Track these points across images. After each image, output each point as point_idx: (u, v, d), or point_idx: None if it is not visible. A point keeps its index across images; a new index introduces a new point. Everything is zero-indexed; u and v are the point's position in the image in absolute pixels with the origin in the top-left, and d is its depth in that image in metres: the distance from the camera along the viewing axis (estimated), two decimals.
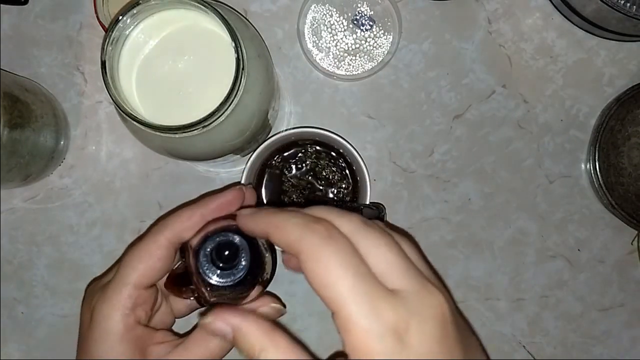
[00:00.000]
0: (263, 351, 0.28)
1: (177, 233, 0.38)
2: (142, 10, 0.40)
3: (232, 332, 0.29)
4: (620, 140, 0.53)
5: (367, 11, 0.55)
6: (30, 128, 0.49)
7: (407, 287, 0.27)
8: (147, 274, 0.38)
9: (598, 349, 0.57)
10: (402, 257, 0.28)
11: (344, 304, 0.26)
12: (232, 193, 0.39)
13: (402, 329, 0.26)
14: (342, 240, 0.28)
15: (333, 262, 0.26)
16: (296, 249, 0.28)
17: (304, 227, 0.28)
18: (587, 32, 0.55)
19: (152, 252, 0.38)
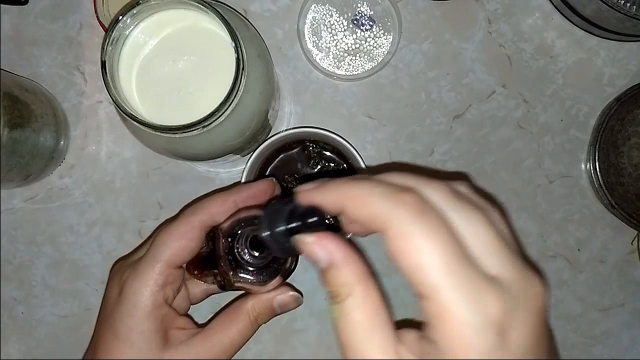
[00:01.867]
0: (350, 297, 0.25)
1: (210, 216, 0.39)
2: (142, 10, 0.40)
3: (327, 263, 0.26)
4: (620, 140, 0.53)
5: (367, 11, 0.55)
6: (30, 128, 0.49)
7: (508, 274, 0.24)
8: (179, 253, 0.38)
9: (598, 349, 0.57)
10: (499, 238, 0.25)
11: (440, 290, 0.23)
12: (265, 183, 0.41)
13: (504, 323, 0.23)
14: (436, 216, 0.24)
15: (427, 242, 0.23)
16: (381, 225, 0.24)
17: (390, 198, 0.24)
18: (587, 32, 0.55)
19: (185, 232, 0.39)
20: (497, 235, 0.25)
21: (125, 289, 0.38)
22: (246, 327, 0.40)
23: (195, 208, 0.40)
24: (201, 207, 0.40)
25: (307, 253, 0.27)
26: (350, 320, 0.25)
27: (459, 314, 0.23)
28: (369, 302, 0.25)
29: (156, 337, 0.38)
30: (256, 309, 0.40)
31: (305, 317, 0.56)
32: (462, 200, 0.25)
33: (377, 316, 0.25)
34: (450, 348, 0.23)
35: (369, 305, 0.25)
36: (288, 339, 0.56)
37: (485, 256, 0.24)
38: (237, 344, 0.40)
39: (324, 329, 0.56)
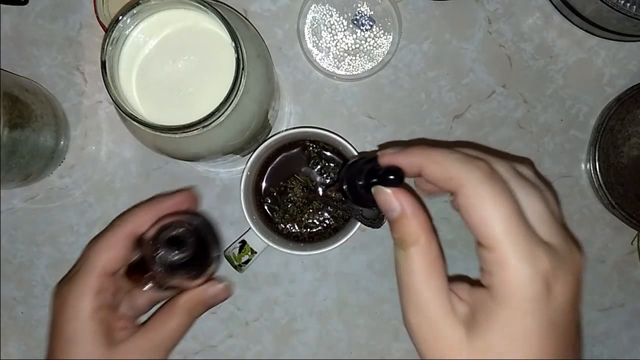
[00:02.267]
0: (415, 245, 0.29)
1: (136, 226, 0.44)
2: (142, 10, 0.40)
3: (399, 213, 0.30)
4: (620, 140, 0.53)
5: (367, 11, 0.55)
6: (30, 128, 0.49)
7: (556, 241, 0.29)
8: (110, 262, 0.43)
9: (598, 349, 0.57)
10: (550, 213, 0.29)
11: (502, 243, 0.27)
12: (183, 195, 0.47)
13: (551, 277, 0.27)
14: (503, 183, 0.29)
15: (495, 201, 0.28)
16: (457, 183, 0.29)
17: (466, 162, 0.29)
18: (587, 32, 0.55)
19: (114, 242, 0.43)
20: (549, 211, 0.29)
21: (66, 298, 0.42)
22: (182, 320, 0.44)
23: (121, 219, 0.45)
24: (126, 219, 0.44)
25: (383, 202, 0.31)
26: (412, 265, 0.29)
27: (516, 264, 0.27)
28: (430, 251, 0.29)
29: (100, 337, 0.41)
30: (189, 302, 0.44)
31: (305, 317, 0.56)
32: (523, 177, 0.30)
33: (435, 265, 0.29)
34: (504, 292, 0.27)
35: (430, 255, 0.29)
36: (288, 339, 0.56)
37: (539, 225, 0.29)
38: (175, 337, 0.44)
39: (324, 329, 0.56)
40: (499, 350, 0.28)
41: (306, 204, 0.52)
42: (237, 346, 0.56)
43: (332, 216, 0.52)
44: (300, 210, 0.52)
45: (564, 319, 0.28)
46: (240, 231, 0.53)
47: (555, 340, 0.28)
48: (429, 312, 0.29)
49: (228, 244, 0.52)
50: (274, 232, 0.52)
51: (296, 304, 0.56)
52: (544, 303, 0.27)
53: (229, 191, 0.56)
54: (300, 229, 0.52)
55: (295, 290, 0.56)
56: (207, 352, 0.56)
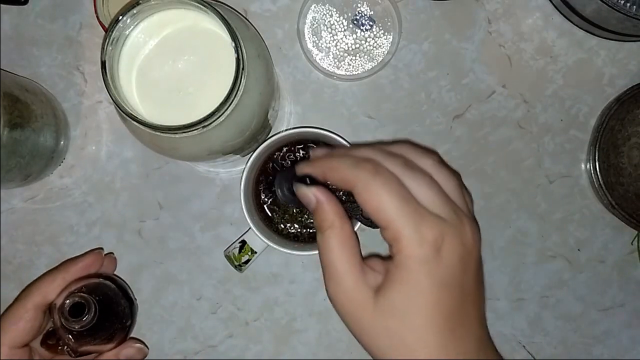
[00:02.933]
0: (330, 228, 0.34)
1: (43, 296, 0.45)
2: (142, 10, 0.40)
3: (315, 202, 0.35)
4: (620, 140, 0.53)
5: (367, 11, 0.55)
6: (30, 128, 0.49)
7: (445, 214, 0.33)
8: (18, 335, 0.44)
9: (598, 349, 0.57)
10: (440, 194, 0.34)
11: (393, 220, 0.32)
12: (91, 257, 0.49)
13: (438, 242, 0.32)
14: (388, 173, 0.33)
15: (381, 191, 0.32)
16: (351, 184, 0.34)
17: (355, 166, 0.34)
18: (587, 32, 0.55)
19: (21, 315, 0.44)
20: (438, 191, 0.34)
21: None
22: None
23: (27, 290, 0.46)
24: (32, 289, 0.45)
25: (302, 196, 0.36)
26: (329, 244, 0.34)
27: (407, 234, 0.32)
28: (343, 232, 0.34)
29: None
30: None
31: (305, 317, 0.56)
32: (412, 167, 0.35)
33: (348, 243, 0.34)
34: (402, 258, 0.32)
35: (343, 235, 0.34)
36: (288, 339, 0.56)
37: (429, 202, 0.33)
38: None
39: (324, 329, 0.56)
40: (398, 305, 0.32)
41: None
42: (237, 346, 0.56)
43: None
44: (300, 210, 0.52)
45: (454, 276, 0.33)
46: (240, 231, 0.53)
47: (448, 295, 0.32)
48: (343, 282, 0.34)
49: (228, 244, 0.52)
50: (274, 232, 0.52)
51: (296, 304, 0.56)
52: (433, 264, 0.32)
53: (229, 191, 0.56)
54: (300, 229, 0.52)
55: (295, 290, 0.56)
56: (207, 352, 0.56)
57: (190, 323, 0.56)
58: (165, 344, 0.56)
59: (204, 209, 0.56)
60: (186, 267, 0.56)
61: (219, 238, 0.56)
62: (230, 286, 0.56)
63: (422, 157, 0.36)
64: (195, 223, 0.56)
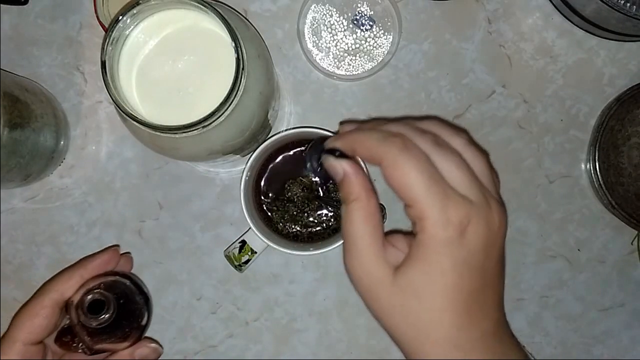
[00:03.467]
0: (355, 201, 0.34)
1: (60, 293, 0.45)
2: (142, 10, 0.40)
3: (342, 175, 0.35)
4: (620, 140, 0.53)
5: (367, 11, 0.55)
6: (30, 128, 0.49)
7: (473, 196, 0.33)
8: (34, 332, 0.44)
9: (598, 349, 0.57)
10: (469, 174, 0.33)
11: (419, 199, 0.32)
12: (108, 254, 0.48)
13: (463, 224, 0.32)
14: (417, 150, 0.33)
15: (409, 167, 0.32)
16: (378, 159, 0.33)
17: (383, 140, 0.33)
18: (587, 32, 0.55)
19: (37, 312, 0.44)
20: (467, 171, 0.33)
21: None
22: None
23: (44, 288, 0.45)
24: (50, 286, 0.45)
25: (330, 167, 0.36)
26: (353, 216, 0.34)
27: (432, 214, 0.31)
28: (368, 206, 0.34)
29: None
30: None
31: (305, 317, 0.56)
32: (441, 146, 0.34)
33: (372, 217, 0.34)
34: (424, 237, 0.32)
35: (368, 209, 0.34)
36: (288, 339, 0.56)
37: (457, 183, 0.33)
38: None
39: (324, 329, 0.56)
40: (417, 284, 0.32)
41: (306, 204, 0.52)
42: (237, 346, 0.56)
43: (332, 216, 0.52)
44: (300, 210, 0.52)
45: (477, 260, 0.32)
46: (240, 231, 0.53)
47: (468, 277, 0.32)
48: (363, 256, 0.34)
49: (228, 244, 0.52)
50: (274, 232, 0.52)
51: (296, 304, 0.56)
52: (456, 245, 0.32)
53: (229, 191, 0.56)
54: (300, 228, 0.52)
55: (295, 290, 0.56)
56: (207, 352, 0.56)
57: (190, 323, 0.56)
58: (165, 344, 0.56)
59: (204, 209, 0.56)
60: (186, 267, 0.56)
61: (219, 238, 0.56)
62: (230, 286, 0.56)
63: (452, 135, 0.35)
64: (195, 223, 0.56)
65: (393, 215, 0.55)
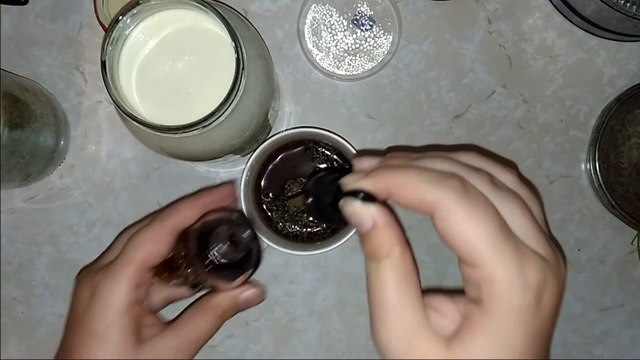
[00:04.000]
0: (388, 257, 0.28)
1: (181, 220, 0.42)
2: (142, 10, 0.40)
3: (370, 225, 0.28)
4: (620, 140, 0.53)
5: (367, 11, 0.55)
6: (30, 128, 0.49)
7: (543, 251, 0.28)
8: (152, 255, 0.41)
9: (598, 349, 0.57)
10: (534, 223, 0.29)
11: (489, 260, 0.26)
12: (227, 188, 0.45)
13: (541, 288, 0.27)
14: (480, 197, 0.27)
15: (474, 219, 0.26)
16: (430, 208, 0.27)
17: (437, 183, 0.27)
18: (587, 32, 0.55)
19: (159, 236, 0.41)
20: (532, 219, 0.29)
21: (98, 290, 0.40)
22: (213, 321, 0.43)
23: (167, 213, 0.42)
24: (173, 212, 0.42)
25: (353, 215, 0.29)
26: (385, 278, 0.28)
27: (507, 277, 0.26)
28: (404, 264, 0.28)
29: (131, 335, 0.40)
30: (223, 305, 0.43)
31: (305, 317, 0.56)
32: (501, 187, 0.29)
33: (409, 278, 0.28)
34: (494, 304, 0.26)
35: (405, 267, 0.28)
36: (288, 339, 0.56)
37: (525, 236, 0.28)
38: (204, 338, 0.43)
39: (324, 329, 0.56)
40: (480, 358, 0.27)
41: None
42: (237, 346, 0.56)
43: None
44: (300, 210, 0.52)
45: (548, 326, 0.28)
46: None
47: (537, 347, 0.28)
48: (402, 326, 0.27)
49: None
50: (274, 232, 0.52)
51: (296, 304, 0.56)
52: (531, 313, 0.27)
53: None
54: (300, 228, 0.53)
55: (295, 290, 0.56)
56: (207, 352, 0.56)
57: None
58: None
59: None
60: None
61: None
62: None
63: (502, 172, 0.30)
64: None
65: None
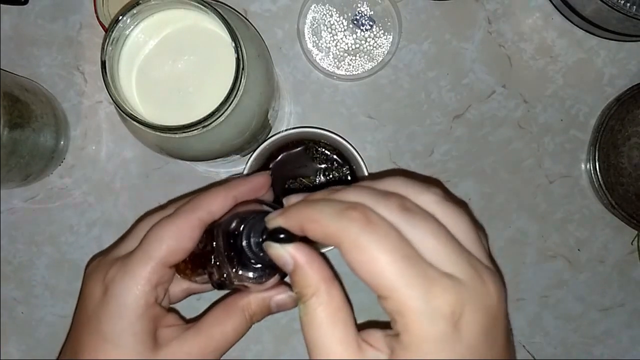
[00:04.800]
0: (314, 296, 0.27)
1: (210, 214, 0.36)
2: (142, 10, 0.40)
3: (293, 266, 0.28)
4: (620, 140, 0.53)
5: (367, 11, 0.55)
6: (30, 128, 0.49)
7: (460, 272, 0.26)
8: (175, 252, 0.36)
9: (598, 349, 0.57)
10: (451, 244, 0.27)
11: (396, 289, 0.25)
12: (262, 178, 0.39)
13: (456, 314, 0.25)
14: (383, 224, 0.26)
15: (378, 249, 0.25)
16: (336, 241, 0.26)
17: (339, 215, 0.26)
18: (587, 32, 0.55)
19: (184, 231, 0.36)
20: (447, 240, 0.27)
21: (113, 288, 0.36)
22: (241, 324, 0.38)
23: (194, 204, 0.37)
24: (201, 204, 0.37)
25: (275, 257, 0.29)
26: (314, 318, 0.27)
27: (415, 306, 0.25)
28: (331, 301, 0.27)
29: (147, 340, 0.36)
30: (253, 306, 0.38)
31: None
32: (411, 210, 0.27)
33: (339, 314, 0.27)
34: (410, 338, 0.25)
35: (332, 305, 0.27)
36: (288, 339, 0.56)
37: (438, 258, 0.26)
38: (230, 341, 0.38)
39: None
40: None
41: None
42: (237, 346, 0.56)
43: None
44: None
45: (480, 353, 0.26)
46: None
47: None
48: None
49: None
50: None
51: None
52: (451, 344, 0.25)
53: None
54: None
55: None
56: None
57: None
58: None
59: None
60: None
61: None
62: None
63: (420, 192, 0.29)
64: None
65: None
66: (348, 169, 0.52)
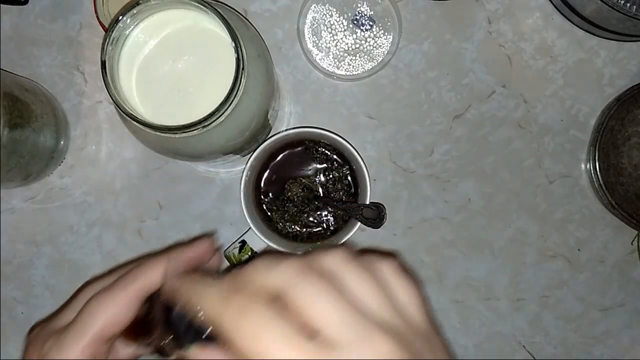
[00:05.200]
0: None
1: (148, 285, 0.36)
2: (142, 10, 0.40)
3: None
4: (620, 140, 0.53)
5: (367, 11, 0.55)
6: (30, 128, 0.49)
7: (345, 339, 0.25)
8: (111, 326, 0.36)
9: (598, 349, 0.57)
10: (340, 309, 0.26)
11: None
12: (204, 245, 0.39)
13: None
14: (261, 308, 0.26)
15: (259, 331, 0.25)
16: (217, 327, 0.26)
17: (221, 300, 0.26)
18: (587, 32, 0.55)
19: (120, 303, 0.36)
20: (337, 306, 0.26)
21: None
22: None
23: (134, 275, 0.37)
24: (137, 276, 0.37)
25: None
26: None
27: None
28: None
29: None
30: None
31: None
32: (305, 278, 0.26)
33: None
34: None
35: None
36: None
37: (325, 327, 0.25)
38: None
39: None
40: None
41: (306, 203, 0.52)
42: None
43: (332, 216, 0.52)
44: (299, 210, 0.52)
45: None
46: (240, 231, 0.53)
47: None
48: None
49: (228, 244, 0.52)
50: (274, 232, 0.52)
51: None
52: None
53: (229, 191, 0.56)
54: (300, 228, 0.52)
55: None
56: None
57: None
58: None
59: (204, 209, 0.56)
60: None
61: (219, 238, 0.56)
62: None
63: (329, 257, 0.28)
64: (195, 223, 0.56)
65: (393, 216, 0.55)
66: (348, 169, 0.52)
